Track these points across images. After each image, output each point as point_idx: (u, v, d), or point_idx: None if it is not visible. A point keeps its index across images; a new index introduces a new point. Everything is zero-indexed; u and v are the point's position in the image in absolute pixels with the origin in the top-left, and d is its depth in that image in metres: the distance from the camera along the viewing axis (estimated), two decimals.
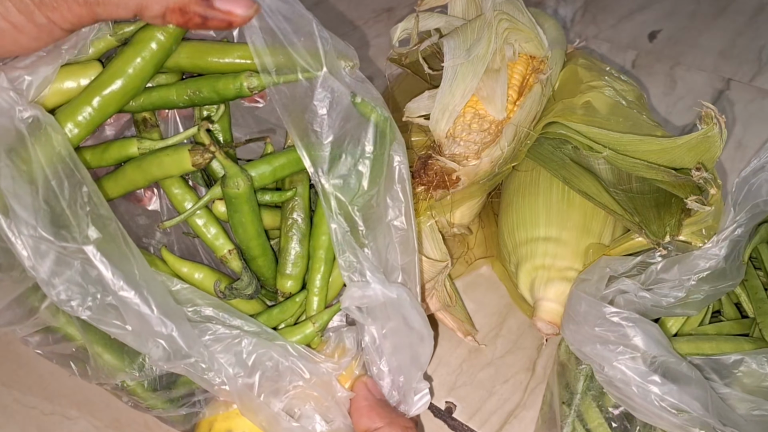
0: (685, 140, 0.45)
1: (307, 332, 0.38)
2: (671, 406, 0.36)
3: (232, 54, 0.36)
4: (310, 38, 0.33)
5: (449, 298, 0.53)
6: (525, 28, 0.50)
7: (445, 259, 0.50)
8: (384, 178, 0.35)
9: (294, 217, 0.40)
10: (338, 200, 0.34)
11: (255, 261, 0.40)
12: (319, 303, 0.39)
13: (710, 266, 0.41)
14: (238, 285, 0.39)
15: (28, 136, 0.30)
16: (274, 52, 0.33)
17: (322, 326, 0.38)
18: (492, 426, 0.48)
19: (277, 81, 0.33)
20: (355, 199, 0.35)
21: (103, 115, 0.34)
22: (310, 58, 0.33)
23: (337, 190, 0.34)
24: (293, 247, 0.40)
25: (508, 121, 0.48)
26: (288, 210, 0.40)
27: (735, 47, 0.88)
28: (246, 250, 0.39)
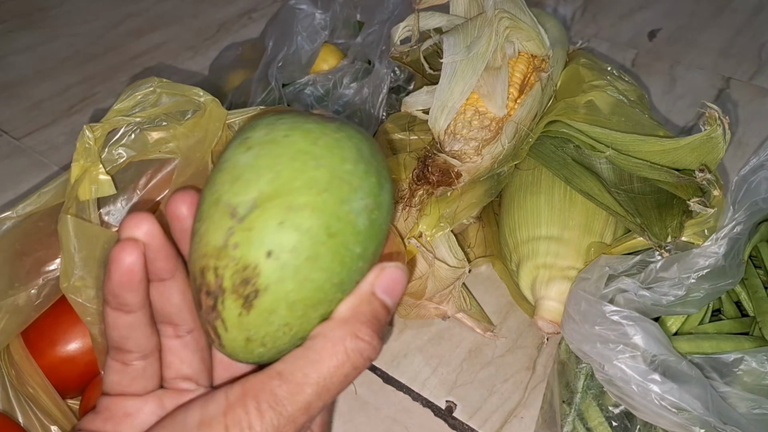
0: (688, 141, 0.45)
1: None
2: (671, 404, 0.36)
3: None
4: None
5: (465, 302, 0.53)
6: (526, 26, 0.50)
7: (463, 265, 0.50)
8: None
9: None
10: None
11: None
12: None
13: (710, 264, 0.41)
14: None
15: None
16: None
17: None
18: (492, 425, 0.48)
19: None
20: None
21: None
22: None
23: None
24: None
25: (508, 118, 0.48)
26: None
27: (735, 46, 0.88)
28: None
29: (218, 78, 0.74)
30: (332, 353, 0.25)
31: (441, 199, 0.49)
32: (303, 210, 0.24)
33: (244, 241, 0.24)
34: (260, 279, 0.24)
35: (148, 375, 0.28)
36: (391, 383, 0.51)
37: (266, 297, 0.24)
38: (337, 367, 0.25)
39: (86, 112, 0.80)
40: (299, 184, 0.24)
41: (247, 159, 0.24)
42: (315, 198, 0.24)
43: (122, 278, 0.25)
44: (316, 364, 0.24)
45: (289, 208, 0.24)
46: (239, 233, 0.24)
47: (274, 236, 0.24)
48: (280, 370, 0.25)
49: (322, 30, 0.67)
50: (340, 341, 0.25)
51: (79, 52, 0.91)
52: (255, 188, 0.24)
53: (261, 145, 0.25)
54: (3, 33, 0.95)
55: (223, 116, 0.40)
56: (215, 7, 1.02)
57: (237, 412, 0.24)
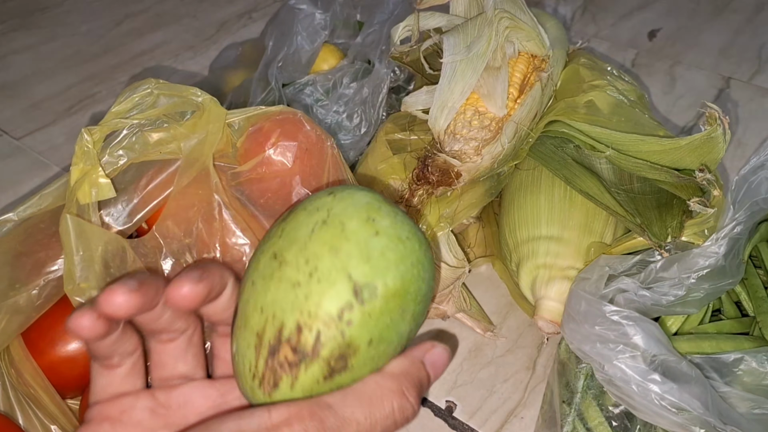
0: (688, 141, 0.45)
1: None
2: (671, 404, 0.36)
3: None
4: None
5: (465, 302, 0.53)
6: (526, 26, 0.50)
7: (463, 265, 0.50)
8: None
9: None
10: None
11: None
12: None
13: (710, 264, 0.41)
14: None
15: None
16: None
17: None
18: (492, 425, 0.48)
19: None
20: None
21: None
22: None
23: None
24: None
25: (508, 118, 0.48)
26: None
27: (734, 46, 0.88)
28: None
29: (218, 78, 0.74)
30: (381, 403, 0.26)
31: (441, 199, 0.49)
32: (406, 313, 0.27)
33: (359, 324, 0.25)
34: (354, 360, 0.26)
35: (137, 371, 0.29)
36: None
37: (345, 377, 0.26)
38: (384, 416, 0.26)
39: (86, 112, 0.80)
40: (413, 289, 0.26)
41: (377, 245, 0.26)
42: (416, 306, 0.27)
43: (84, 336, 0.25)
44: (366, 406, 0.25)
45: (403, 310, 0.26)
46: (357, 313, 0.25)
47: (381, 330, 0.26)
48: (331, 402, 0.25)
49: (322, 30, 0.67)
50: (390, 394, 0.26)
51: (79, 52, 0.91)
52: (381, 279, 0.25)
53: (389, 237, 0.26)
54: (3, 33, 0.95)
55: (223, 116, 0.40)
56: (215, 7, 1.02)
57: (282, 431, 0.24)
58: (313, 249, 0.26)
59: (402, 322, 0.27)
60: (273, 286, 0.26)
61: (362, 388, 0.26)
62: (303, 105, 0.64)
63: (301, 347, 0.25)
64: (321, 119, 0.62)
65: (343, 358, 0.25)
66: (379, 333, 0.26)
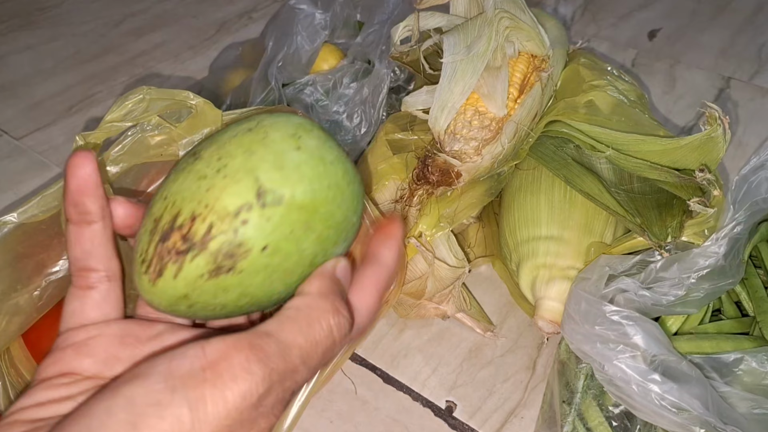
0: (689, 141, 0.45)
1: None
2: (671, 404, 0.36)
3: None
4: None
5: (465, 302, 0.53)
6: (526, 26, 0.50)
7: (463, 265, 0.50)
8: None
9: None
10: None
11: None
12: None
13: (710, 264, 0.41)
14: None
15: None
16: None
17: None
18: (492, 425, 0.48)
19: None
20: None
21: None
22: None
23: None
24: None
25: (508, 118, 0.48)
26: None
27: (735, 46, 0.88)
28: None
29: (218, 78, 0.74)
30: (319, 323, 0.25)
31: (441, 199, 0.49)
32: (311, 231, 0.26)
33: (255, 225, 0.25)
34: (242, 263, 0.25)
35: (111, 300, 0.28)
36: (391, 383, 0.51)
37: (231, 279, 0.25)
38: (324, 337, 0.25)
39: (86, 112, 0.80)
40: (324, 210, 0.26)
41: (295, 158, 0.26)
42: (325, 230, 0.27)
43: (80, 184, 0.26)
44: (305, 329, 0.24)
45: (307, 226, 0.26)
46: (255, 215, 0.24)
47: (278, 240, 0.25)
48: (269, 330, 0.24)
49: (322, 30, 0.67)
50: (325, 314, 0.25)
51: (79, 52, 0.91)
52: (290, 189, 0.25)
53: (310, 154, 0.26)
54: (3, 33, 0.95)
55: (219, 116, 0.40)
56: (215, 7, 1.02)
57: (220, 367, 0.22)
58: (228, 149, 0.26)
59: (305, 239, 0.26)
60: (181, 178, 0.26)
61: (296, 313, 0.25)
62: (303, 105, 0.64)
63: (190, 236, 0.24)
64: (321, 119, 0.62)
65: (232, 257, 0.25)
66: (276, 242, 0.25)
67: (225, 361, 0.22)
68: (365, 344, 0.54)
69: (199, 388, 0.22)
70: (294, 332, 0.24)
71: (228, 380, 0.22)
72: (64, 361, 0.26)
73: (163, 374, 0.22)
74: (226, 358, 0.22)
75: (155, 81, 0.83)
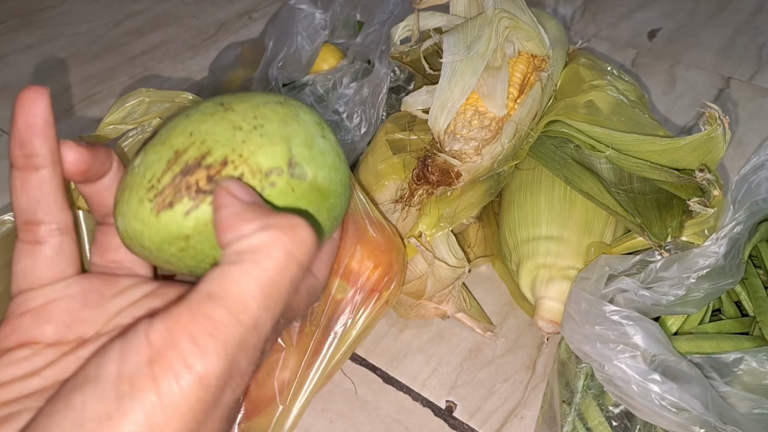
0: (688, 141, 0.45)
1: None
2: (671, 404, 0.36)
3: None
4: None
5: (465, 302, 0.53)
6: (526, 26, 0.50)
7: (463, 265, 0.50)
8: None
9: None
10: None
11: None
12: None
13: (710, 264, 0.41)
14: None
15: None
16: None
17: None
18: (492, 425, 0.48)
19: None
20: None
21: None
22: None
23: None
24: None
25: (508, 118, 0.48)
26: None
27: (735, 45, 0.88)
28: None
29: (218, 78, 0.74)
30: (270, 256, 0.21)
31: (441, 199, 0.49)
32: (318, 215, 0.27)
33: (280, 191, 0.25)
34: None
35: (65, 256, 0.25)
36: (391, 383, 0.51)
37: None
38: (282, 268, 0.21)
39: (86, 112, 0.80)
40: (333, 201, 0.27)
41: (321, 144, 0.27)
42: (326, 220, 0.27)
43: (30, 121, 0.23)
44: (255, 272, 0.21)
45: (318, 209, 0.27)
46: (284, 181, 0.25)
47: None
48: (208, 290, 0.20)
49: (322, 30, 0.67)
50: (277, 239, 0.21)
51: (79, 52, 0.91)
52: (314, 169, 0.26)
53: (332, 146, 0.27)
54: (3, 33, 0.95)
55: None
56: (215, 7, 1.02)
57: (167, 356, 0.19)
58: (263, 111, 0.26)
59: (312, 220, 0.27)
60: (212, 121, 0.25)
61: (236, 258, 0.21)
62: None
63: (218, 178, 0.24)
64: None
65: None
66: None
67: (171, 350, 0.19)
68: (365, 344, 0.54)
69: (149, 390, 0.19)
70: (241, 282, 0.20)
71: (179, 371, 0.19)
72: (22, 329, 0.24)
73: (113, 378, 0.19)
74: (171, 346, 0.19)
75: (155, 81, 0.83)
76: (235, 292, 0.20)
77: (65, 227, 0.25)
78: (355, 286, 0.45)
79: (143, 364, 0.19)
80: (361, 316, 0.45)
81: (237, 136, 0.24)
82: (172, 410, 0.19)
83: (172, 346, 0.19)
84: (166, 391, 0.19)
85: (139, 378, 0.19)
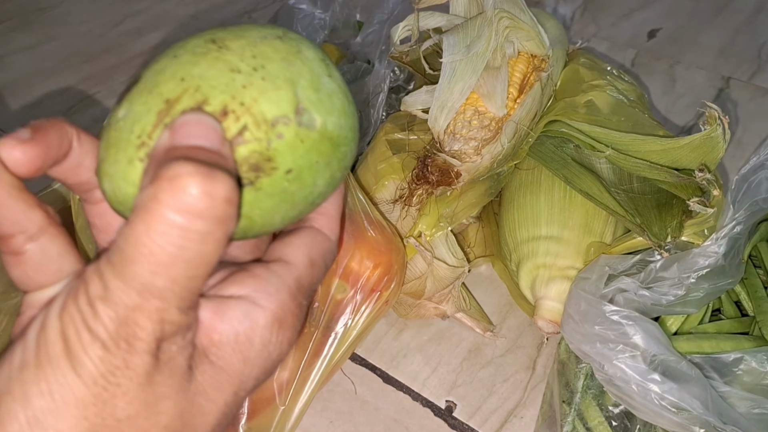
0: (688, 141, 0.45)
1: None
2: (671, 404, 0.36)
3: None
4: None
5: (464, 302, 0.53)
6: (526, 26, 0.50)
7: (462, 265, 0.50)
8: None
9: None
10: None
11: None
12: None
13: (709, 264, 0.41)
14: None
15: None
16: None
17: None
18: (492, 425, 0.48)
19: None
20: None
21: None
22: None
23: None
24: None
25: (508, 118, 0.48)
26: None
27: (734, 45, 0.88)
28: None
29: None
30: (155, 210, 0.18)
31: (440, 199, 0.49)
32: (329, 168, 0.24)
33: (288, 143, 0.22)
34: (264, 180, 0.22)
35: (53, 256, 0.24)
36: (391, 383, 0.51)
37: (245, 196, 0.22)
38: (173, 222, 0.18)
39: (86, 112, 0.80)
40: (343, 150, 0.24)
41: (328, 85, 0.23)
42: (335, 172, 0.24)
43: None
44: (142, 225, 0.18)
45: (328, 162, 0.23)
46: (292, 132, 0.22)
47: (303, 166, 0.23)
48: (106, 258, 0.19)
49: (322, 30, 0.67)
50: (156, 201, 0.18)
51: (78, 52, 0.91)
52: (323, 115, 0.23)
53: (340, 86, 0.24)
54: (3, 33, 0.95)
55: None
56: (215, 7, 1.02)
57: (49, 337, 0.19)
58: (263, 49, 0.22)
59: (322, 174, 0.23)
60: (205, 63, 0.22)
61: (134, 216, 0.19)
62: None
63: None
64: None
65: (257, 170, 0.22)
66: (301, 168, 0.22)
67: (53, 332, 0.19)
68: (365, 344, 0.54)
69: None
70: (132, 239, 0.18)
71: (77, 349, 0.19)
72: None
73: (18, 365, 0.19)
74: (59, 320, 0.19)
75: None
76: (126, 253, 0.19)
77: (38, 230, 0.23)
78: (355, 286, 0.45)
79: (31, 350, 0.19)
80: (360, 317, 0.45)
81: (236, 80, 0.21)
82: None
83: (60, 321, 0.19)
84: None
85: (26, 371, 0.19)
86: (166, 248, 0.18)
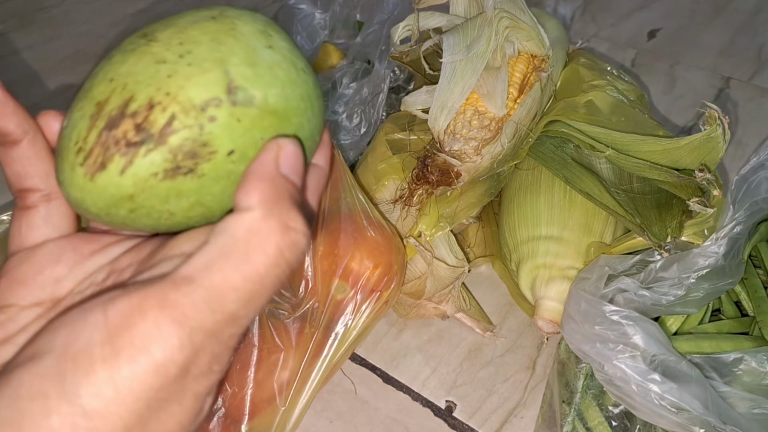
0: (688, 141, 0.45)
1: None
2: (671, 404, 0.36)
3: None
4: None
5: (464, 302, 0.53)
6: (526, 26, 0.50)
7: (462, 265, 0.50)
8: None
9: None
10: None
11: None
12: None
13: (709, 264, 0.41)
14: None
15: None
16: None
17: None
18: (492, 425, 0.48)
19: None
20: None
21: None
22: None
23: None
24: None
25: (508, 118, 0.48)
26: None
27: (734, 46, 0.88)
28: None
29: None
30: (262, 251, 0.20)
31: (440, 199, 0.49)
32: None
33: (223, 124, 0.21)
34: (204, 166, 0.22)
35: (55, 217, 0.25)
36: (391, 383, 0.51)
37: (189, 184, 0.22)
38: (271, 266, 0.20)
39: None
40: (296, 121, 0.23)
41: (267, 57, 0.23)
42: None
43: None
44: (243, 264, 0.19)
45: (277, 135, 0.23)
46: (225, 113, 0.21)
47: (247, 144, 0.22)
48: (188, 274, 0.19)
49: (322, 30, 0.67)
50: (271, 234, 0.20)
51: (79, 51, 0.91)
52: (262, 90, 0.22)
53: (283, 56, 0.23)
54: (3, 33, 0.95)
55: None
56: None
57: (122, 339, 0.18)
58: (191, 34, 0.22)
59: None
60: (133, 59, 0.22)
61: (231, 242, 0.20)
62: None
63: (146, 126, 0.21)
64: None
65: (194, 157, 0.21)
66: (244, 147, 0.22)
67: (128, 331, 0.18)
68: (365, 344, 0.54)
69: (96, 371, 0.17)
70: (227, 271, 0.19)
71: (134, 355, 0.18)
72: (19, 295, 0.23)
73: (57, 353, 0.18)
74: (128, 327, 0.18)
75: None
76: (216, 283, 0.19)
77: (54, 193, 0.24)
78: (355, 287, 0.45)
79: (95, 343, 0.18)
80: (361, 317, 0.45)
81: (161, 71, 0.21)
82: (120, 395, 0.18)
83: (131, 328, 0.18)
84: (116, 374, 0.18)
85: (87, 357, 0.18)
86: (268, 281, 0.20)
